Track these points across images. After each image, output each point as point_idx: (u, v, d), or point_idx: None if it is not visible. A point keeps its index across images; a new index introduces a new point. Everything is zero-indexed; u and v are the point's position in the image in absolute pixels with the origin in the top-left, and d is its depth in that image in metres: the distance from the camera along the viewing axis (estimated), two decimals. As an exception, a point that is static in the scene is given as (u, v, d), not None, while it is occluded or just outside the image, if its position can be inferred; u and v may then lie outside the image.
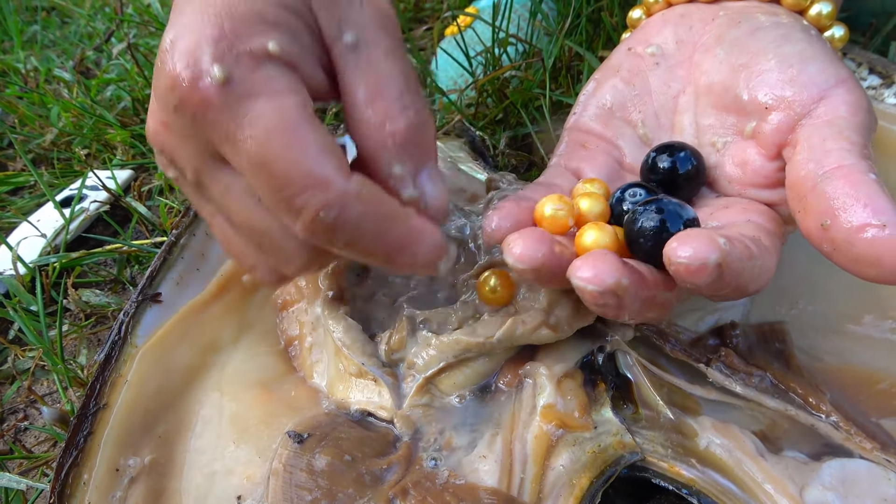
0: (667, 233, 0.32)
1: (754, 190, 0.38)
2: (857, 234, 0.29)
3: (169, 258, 0.48)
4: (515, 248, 0.32)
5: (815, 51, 0.37)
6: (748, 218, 0.36)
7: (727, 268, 0.28)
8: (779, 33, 0.39)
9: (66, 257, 0.62)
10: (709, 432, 0.38)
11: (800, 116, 0.35)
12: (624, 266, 0.30)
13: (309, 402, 0.44)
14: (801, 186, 0.33)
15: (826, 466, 0.36)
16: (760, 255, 0.31)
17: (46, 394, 0.54)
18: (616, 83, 0.44)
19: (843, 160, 0.32)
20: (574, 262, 0.30)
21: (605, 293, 0.29)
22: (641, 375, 0.41)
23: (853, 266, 0.30)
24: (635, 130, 0.43)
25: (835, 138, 0.33)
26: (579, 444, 0.37)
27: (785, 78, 0.36)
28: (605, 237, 0.33)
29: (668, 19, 0.44)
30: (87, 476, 0.38)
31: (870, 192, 0.30)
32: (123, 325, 0.44)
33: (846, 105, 0.34)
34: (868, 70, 0.49)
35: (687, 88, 0.42)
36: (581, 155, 0.42)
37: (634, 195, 0.37)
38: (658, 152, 0.38)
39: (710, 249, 0.28)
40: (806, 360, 0.42)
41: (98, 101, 0.88)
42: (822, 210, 0.31)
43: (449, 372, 0.41)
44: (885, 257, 0.29)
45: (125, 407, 0.41)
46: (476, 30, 0.74)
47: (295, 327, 0.47)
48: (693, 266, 0.28)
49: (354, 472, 0.37)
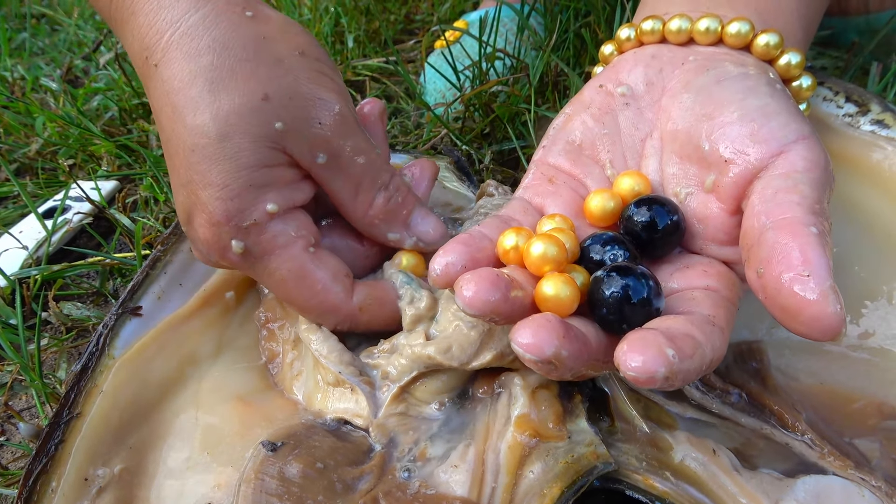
0: (629, 310, 0.32)
1: (716, 246, 0.38)
2: (784, 284, 0.30)
3: (152, 272, 0.48)
4: (466, 291, 0.31)
5: (779, 106, 0.37)
6: (707, 283, 0.36)
7: (674, 375, 0.28)
8: (744, 85, 0.39)
9: (47, 270, 0.62)
10: (684, 446, 0.38)
11: (758, 170, 0.35)
12: (566, 334, 0.30)
13: (286, 414, 0.44)
14: (749, 236, 0.33)
15: (801, 482, 0.36)
16: (709, 341, 0.31)
17: (24, 408, 0.54)
18: (586, 119, 0.44)
19: (789, 212, 0.32)
20: (517, 325, 0.30)
21: (542, 363, 0.29)
22: (618, 388, 0.41)
23: (781, 315, 0.30)
24: (603, 170, 0.43)
25: (787, 191, 0.33)
26: (552, 454, 0.37)
27: (746, 132, 0.36)
28: (566, 289, 0.33)
29: (639, 59, 0.44)
30: (55, 484, 0.38)
31: (804, 244, 0.30)
32: (102, 337, 0.44)
33: (803, 160, 0.34)
34: (845, 98, 0.50)
35: (654, 133, 0.42)
36: (547, 190, 0.42)
37: (612, 252, 0.36)
38: (638, 205, 0.38)
39: (659, 363, 0.28)
40: (782, 380, 0.43)
41: (85, 110, 0.88)
42: (760, 258, 0.31)
43: (423, 380, 0.41)
44: (804, 310, 0.29)
45: (98, 416, 0.41)
46: (464, 44, 0.75)
47: (277, 344, 0.47)
48: (641, 378, 0.28)
49: (326, 479, 0.37)
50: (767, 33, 0.41)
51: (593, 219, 0.40)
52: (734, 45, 0.42)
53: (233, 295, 0.50)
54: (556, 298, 0.33)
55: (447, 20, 1.00)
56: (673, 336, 0.30)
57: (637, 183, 0.40)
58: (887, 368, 0.43)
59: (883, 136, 0.47)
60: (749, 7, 0.43)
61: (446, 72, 0.74)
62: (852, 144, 0.48)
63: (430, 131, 0.74)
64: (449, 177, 0.60)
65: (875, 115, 0.49)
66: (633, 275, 0.32)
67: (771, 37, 0.41)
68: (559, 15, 0.75)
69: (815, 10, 0.47)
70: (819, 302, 0.29)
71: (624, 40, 0.46)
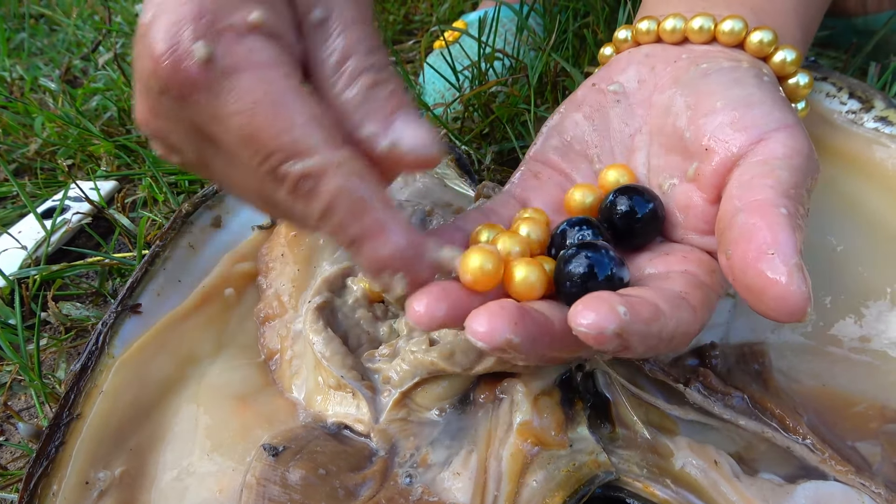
0: (593, 282, 0.31)
1: (696, 236, 0.38)
2: (750, 262, 0.29)
3: (151, 269, 0.48)
4: (418, 307, 0.31)
5: (763, 95, 0.37)
6: (685, 268, 0.36)
7: (629, 335, 0.28)
8: (731, 77, 0.38)
9: (46, 270, 0.62)
10: (684, 452, 0.38)
11: (738, 158, 0.35)
12: (521, 320, 0.29)
13: (286, 414, 0.43)
14: (722, 220, 0.33)
15: (800, 488, 0.36)
16: (675, 314, 0.30)
17: (23, 408, 0.54)
18: (577, 118, 0.44)
19: (761, 195, 0.31)
20: (471, 313, 0.29)
21: (496, 349, 0.29)
22: (620, 395, 0.41)
23: (747, 295, 0.30)
24: (591, 165, 0.43)
25: (763, 176, 0.32)
26: (554, 462, 0.37)
27: (727, 120, 0.36)
28: (534, 273, 0.33)
29: (633, 58, 0.44)
30: (56, 487, 0.38)
31: (772, 223, 0.30)
32: (101, 336, 0.44)
33: (784, 147, 0.34)
34: (848, 94, 0.49)
35: (643, 128, 0.42)
36: (532, 185, 0.43)
37: (580, 234, 0.36)
38: (618, 194, 0.38)
39: (610, 319, 0.27)
40: (784, 382, 0.42)
41: (84, 110, 0.88)
42: (729, 240, 0.31)
43: (425, 386, 0.41)
44: (769, 289, 0.28)
45: (99, 418, 0.41)
46: (463, 44, 0.75)
47: (276, 341, 0.47)
48: (591, 334, 0.27)
49: (328, 486, 0.37)
50: (761, 30, 0.41)
51: (572, 213, 0.40)
52: (728, 43, 0.42)
53: (232, 292, 0.49)
54: (525, 282, 0.33)
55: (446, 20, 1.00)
56: (630, 299, 0.29)
57: (621, 175, 0.40)
58: (889, 371, 0.42)
59: (886, 133, 0.47)
60: (744, 6, 0.43)
61: (445, 72, 0.74)
62: (855, 141, 0.48)
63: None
64: (450, 174, 0.59)
65: (879, 111, 0.48)
66: (593, 248, 0.32)
67: (764, 34, 0.41)
68: (558, 15, 0.75)
69: (814, 11, 0.47)
70: (783, 282, 0.28)
71: (622, 41, 0.46)
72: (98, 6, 1.33)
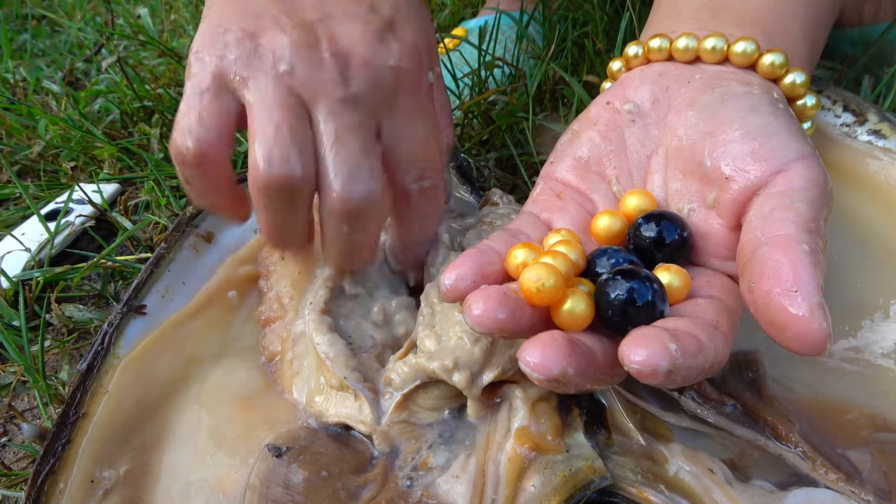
0: (632, 314, 0.32)
1: (717, 261, 0.39)
2: (774, 298, 0.30)
3: (156, 271, 0.49)
4: (475, 310, 0.32)
5: (780, 125, 0.38)
6: (710, 294, 0.37)
7: (677, 370, 0.29)
8: (748, 104, 0.39)
9: (49, 272, 0.62)
10: (678, 459, 0.38)
11: (757, 188, 0.36)
12: (573, 352, 0.30)
13: (287, 415, 0.44)
14: (744, 252, 0.34)
15: (791, 496, 0.37)
16: (713, 344, 0.32)
17: (27, 409, 0.54)
18: (593, 136, 0.44)
19: (783, 229, 0.33)
20: (525, 343, 0.31)
21: (550, 381, 0.30)
22: (616, 401, 0.41)
23: (770, 329, 0.31)
24: (609, 186, 0.43)
25: (784, 209, 0.34)
26: (551, 467, 0.38)
27: (747, 150, 0.37)
28: (580, 306, 0.33)
29: (646, 76, 0.44)
30: (62, 485, 0.38)
31: (795, 261, 0.31)
32: (107, 336, 0.44)
33: (802, 179, 0.35)
34: (842, 108, 0.50)
35: (659, 149, 0.42)
36: (555, 205, 0.43)
37: (616, 261, 0.37)
38: (647, 220, 0.39)
39: (662, 357, 0.29)
40: (778, 390, 0.43)
41: (86, 113, 0.88)
42: (752, 273, 0.32)
43: (425, 389, 0.41)
44: (791, 324, 0.30)
45: (104, 417, 0.41)
46: (462, 51, 0.75)
47: (277, 343, 0.48)
48: (645, 371, 0.29)
49: (330, 487, 0.38)
50: (773, 53, 0.42)
51: (600, 240, 0.41)
52: (740, 64, 0.43)
53: (235, 294, 0.50)
54: (571, 314, 0.33)
55: (446, 27, 1.01)
56: (677, 333, 0.30)
57: (643, 202, 0.40)
58: (880, 381, 0.43)
59: (879, 146, 0.48)
60: (755, 27, 0.44)
61: (445, 78, 0.74)
62: (849, 154, 0.49)
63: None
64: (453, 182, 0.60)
65: (872, 124, 0.49)
66: (638, 277, 0.33)
67: (776, 56, 0.42)
68: (557, 24, 0.76)
69: (821, 31, 0.48)
70: (806, 318, 0.29)
71: (632, 57, 0.46)
72: (100, 8, 1.34)
